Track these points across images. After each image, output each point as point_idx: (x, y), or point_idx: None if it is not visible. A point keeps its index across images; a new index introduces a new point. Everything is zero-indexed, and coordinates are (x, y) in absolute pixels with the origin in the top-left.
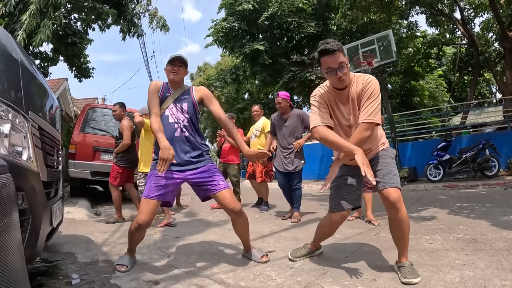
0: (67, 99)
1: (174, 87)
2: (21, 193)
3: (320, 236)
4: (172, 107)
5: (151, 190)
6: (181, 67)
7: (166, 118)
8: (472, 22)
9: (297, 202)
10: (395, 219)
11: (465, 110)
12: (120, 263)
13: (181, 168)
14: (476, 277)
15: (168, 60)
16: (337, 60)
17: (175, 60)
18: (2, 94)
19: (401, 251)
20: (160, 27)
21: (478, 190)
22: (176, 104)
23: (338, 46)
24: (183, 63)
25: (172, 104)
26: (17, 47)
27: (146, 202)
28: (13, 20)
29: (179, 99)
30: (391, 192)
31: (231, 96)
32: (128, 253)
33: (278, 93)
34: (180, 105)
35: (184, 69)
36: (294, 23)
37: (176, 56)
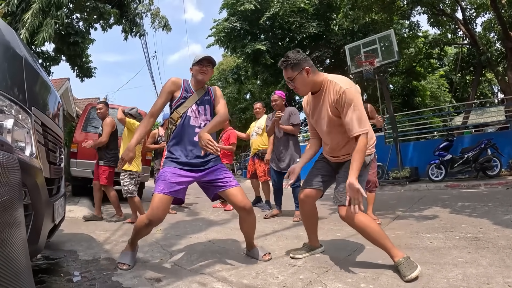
0: (69, 99)
1: (197, 87)
2: (23, 189)
3: (305, 225)
4: (195, 109)
5: (166, 186)
6: (209, 67)
7: (187, 119)
8: (473, 22)
9: (296, 201)
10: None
11: (466, 110)
12: (122, 261)
13: (197, 168)
14: (479, 274)
15: (196, 60)
16: (286, 75)
17: (203, 60)
18: (5, 89)
19: (387, 253)
20: (162, 26)
21: (480, 190)
22: (198, 106)
23: (289, 62)
24: (211, 63)
25: (194, 106)
26: (21, 44)
27: (160, 197)
28: (16, 19)
29: (202, 100)
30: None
31: (232, 96)
32: (130, 249)
33: (275, 91)
34: (203, 107)
35: (211, 70)
36: (296, 23)
37: (205, 57)
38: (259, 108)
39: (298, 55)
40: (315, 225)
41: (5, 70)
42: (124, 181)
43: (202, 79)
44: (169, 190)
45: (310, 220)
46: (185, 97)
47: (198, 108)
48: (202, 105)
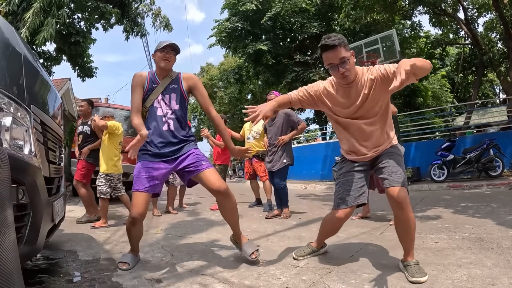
0: (70, 99)
1: (162, 76)
2: (22, 188)
3: (324, 235)
4: (160, 99)
5: (141, 182)
6: (172, 54)
7: (154, 111)
8: (475, 22)
9: (284, 199)
10: (401, 218)
11: (468, 110)
12: (122, 260)
13: (170, 158)
14: (484, 275)
15: (159, 47)
16: (338, 56)
17: (167, 47)
18: (4, 87)
19: (407, 250)
20: (164, 26)
21: (482, 190)
22: (164, 95)
23: (340, 40)
24: (174, 50)
25: (160, 95)
26: (21, 42)
27: (137, 195)
28: (17, 18)
29: (167, 89)
30: (397, 190)
31: (234, 97)
32: (131, 252)
33: (271, 91)
34: (169, 96)
35: (174, 56)
36: (297, 23)
37: (168, 43)
38: None
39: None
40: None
41: (4, 67)
42: (100, 181)
43: (165, 66)
44: (144, 186)
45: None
46: (151, 89)
47: (163, 97)
48: (168, 94)
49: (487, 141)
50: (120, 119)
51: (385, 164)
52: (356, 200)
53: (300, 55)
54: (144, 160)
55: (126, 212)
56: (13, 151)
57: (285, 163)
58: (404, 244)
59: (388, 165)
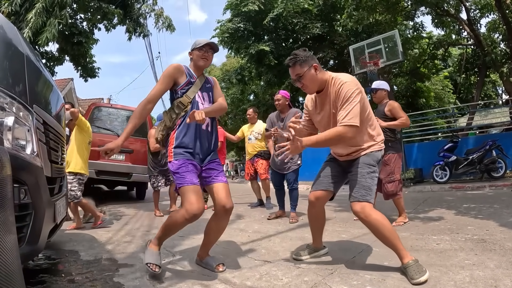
0: (73, 99)
1: (198, 74)
2: (23, 187)
3: (312, 226)
4: (200, 95)
5: (192, 176)
6: (210, 53)
7: (196, 105)
8: (478, 23)
9: (293, 203)
10: (370, 228)
11: (471, 111)
12: (153, 262)
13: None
14: (487, 277)
15: (197, 45)
16: (294, 73)
17: (205, 45)
18: (6, 86)
19: (397, 253)
20: (166, 27)
21: (485, 191)
22: (202, 92)
23: (296, 59)
24: (213, 49)
25: (199, 92)
26: (23, 42)
27: (192, 188)
28: (19, 18)
29: (204, 88)
30: (352, 206)
31: (236, 97)
32: (157, 247)
33: (279, 91)
34: (207, 94)
35: (212, 56)
36: (300, 24)
37: (206, 42)
38: (249, 114)
39: (306, 52)
40: (321, 227)
41: (6, 67)
42: (72, 185)
43: (204, 65)
44: (196, 179)
45: (317, 222)
46: (191, 82)
47: (202, 94)
48: (206, 92)
49: (489, 142)
50: (122, 119)
51: (351, 177)
52: (325, 186)
53: None
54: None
55: (128, 212)
56: (15, 151)
57: (299, 164)
58: (392, 249)
59: (352, 178)
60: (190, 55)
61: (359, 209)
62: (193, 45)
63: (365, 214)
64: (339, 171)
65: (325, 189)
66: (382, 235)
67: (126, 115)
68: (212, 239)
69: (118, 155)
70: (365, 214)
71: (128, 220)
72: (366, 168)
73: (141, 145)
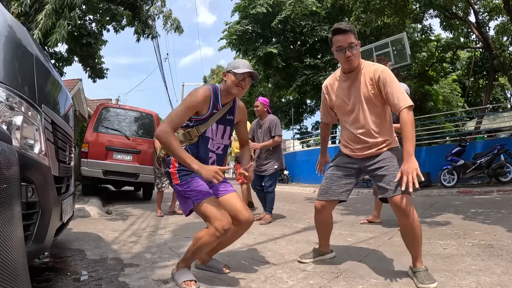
0: (81, 99)
1: (226, 101)
2: (31, 186)
3: (320, 234)
4: (214, 129)
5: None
6: (248, 81)
7: (205, 141)
8: (486, 26)
9: (269, 205)
10: (405, 226)
11: (479, 115)
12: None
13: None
14: (493, 283)
15: (236, 70)
16: (347, 40)
17: (245, 74)
18: (15, 86)
19: (415, 256)
20: (174, 28)
21: (492, 196)
22: (218, 125)
23: (351, 27)
24: (253, 77)
25: (214, 124)
26: (33, 42)
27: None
28: (29, 19)
29: (224, 120)
30: (399, 199)
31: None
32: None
33: (258, 97)
34: (223, 128)
35: (249, 86)
36: (308, 27)
37: (248, 71)
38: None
39: None
40: (328, 233)
41: (15, 67)
42: None
43: (237, 94)
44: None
45: (324, 228)
46: (212, 114)
47: (217, 127)
48: (222, 125)
49: (498, 147)
50: (130, 120)
51: (382, 172)
52: (336, 196)
53: (310, 58)
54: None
55: (135, 212)
56: (24, 150)
57: (276, 169)
58: (411, 251)
59: (386, 173)
60: (224, 76)
61: (408, 201)
62: (230, 65)
63: (409, 208)
64: (348, 175)
65: (331, 199)
66: (413, 234)
67: (133, 116)
68: (227, 243)
69: (125, 156)
70: (409, 209)
71: (135, 220)
72: (396, 161)
73: (149, 146)
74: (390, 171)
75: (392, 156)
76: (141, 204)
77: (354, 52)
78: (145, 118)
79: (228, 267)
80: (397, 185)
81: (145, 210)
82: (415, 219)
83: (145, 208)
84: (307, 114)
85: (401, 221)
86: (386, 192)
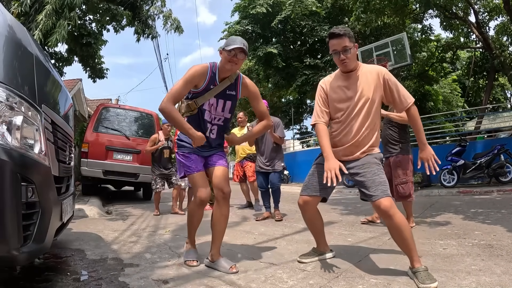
0: (81, 99)
1: (222, 77)
2: (31, 186)
3: (311, 229)
4: (212, 103)
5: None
6: (241, 55)
7: (201, 113)
8: (486, 26)
9: (275, 200)
10: (391, 227)
11: (479, 115)
12: (190, 258)
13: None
14: (493, 283)
15: (227, 47)
16: (341, 44)
17: (236, 49)
18: (15, 86)
19: (410, 256)
20: (174, 28)
21: (492, 196)
22: (218, 99)
23: (346, 31)
24: (243, 52)
25: (213, 99)
26: (33, 42)
27: (199, 175)
28: (29, 19)
29: (223, 94)
30: (381, 202)
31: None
32: (192, 246)
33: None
34: (223, 102)
35: (243, 59)
36: (308, 27)
37: (237, 46)
38: (240, 118)
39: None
40: (321, 229)
41: (15, 67)
42: None
43: (231, 69)
44: (201, 167)
45: (314, 225)
46: (207, 89)
47: (217, 101)
48: (222, 99)
49: (498, 147)
50: (130, 120)
51: (361, 178)
52: (318, 192)
53: (310, 58)
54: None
55: (135, 212)
56: (24, 150)
57: (283, 166)
58: (405, 252)
59: (364, 179)
60: (220, 53)
61: (390, 204)
62: (224, 43)
63: (394, 210)
64: None
65: (312, 195)
66: (403, 235)
67: (133, 116)
68: (219, 230)
69: (125, 156)
70: (394, 211)
71: (135, 220)
72: (375, 166)
73: None
74: (367, 177)
75: (372, 162)
76: (141, 204)
77: (349, 55)
78: (145, 118)
79: (236, 267)
80: (376, 189)
81: (145, 210)
82: (399, 220)
83: (145, 208)
84: (307, 114)
85: (387, 223)
86: (366, 197)
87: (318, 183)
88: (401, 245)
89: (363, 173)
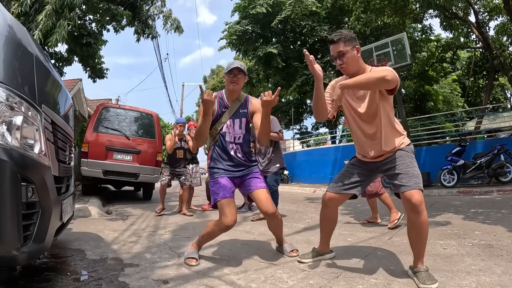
0: (81, 99)
1: (232, 99)
2: (31, 186)
3: (322, 228)
4: (229, 124)
5: (226, 191)
6: (240, 76)
7: (223, 136)
8: (486, 26)
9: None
10: (415, 223)
11: (479, 115)
12: (191, 256)
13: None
14: (493, 283)
15: (226, 70)
16: (336, 49)
17: (233, 69)
18: (15, 86)
19: (418, 256)
20: (174, 28)
21: (492, 196)
22: (233, 119)
23: (340, 36)
24: (241, 71)
25: (229, 121)
26: (33, 42)
27: (227, 201)
28: (29, 19)
29: (237, 114)
30: (413, 194)
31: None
32: (197, 248)
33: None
34: (239, 120)
35: (243, 77)
36: (308, 27)
37: (233, 66)
38: None
39: (350, 32)
40: (332, 229)
41: (15, 67)
42: None
43: (233, 89)
44: (229, 193)
45: (327, 223)
46: (221, 114)
47: (233, 121)
48: (238, 118)
49: (498, 146)
50: (130, 120)
51: (395, 171)
52: (344, 190)
53: None
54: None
55: (135, 212)
56: (24, 150)
57: (278, 167)
58: (415, 250)
59: (398, 171)
60: (224, 78)
61: (421, 198)
62: (225, 68)
63: (423, 206)
64: (362, 173)
65: (339, 193)
66: (422, 234)
67: (134, 116)
68: (276, 234)
69: (125, 156)
70: (423, 207)
71: (135, 220)
72: (407, 158)
73: (149, 146)
74: (401, 169)
75: (401, 156)
76: (141, 204)
77: (345, 60)
78: (145, 118)
79: (297, 251)
80: (409, 181)
81: (145, 210)
82: (425, 218)
83: (145, 208)
84: (307, 114)
85: (411, 218)
86: (399, 188)
87: (350, 182)
88: (415, 243)
89: (396, 165)
